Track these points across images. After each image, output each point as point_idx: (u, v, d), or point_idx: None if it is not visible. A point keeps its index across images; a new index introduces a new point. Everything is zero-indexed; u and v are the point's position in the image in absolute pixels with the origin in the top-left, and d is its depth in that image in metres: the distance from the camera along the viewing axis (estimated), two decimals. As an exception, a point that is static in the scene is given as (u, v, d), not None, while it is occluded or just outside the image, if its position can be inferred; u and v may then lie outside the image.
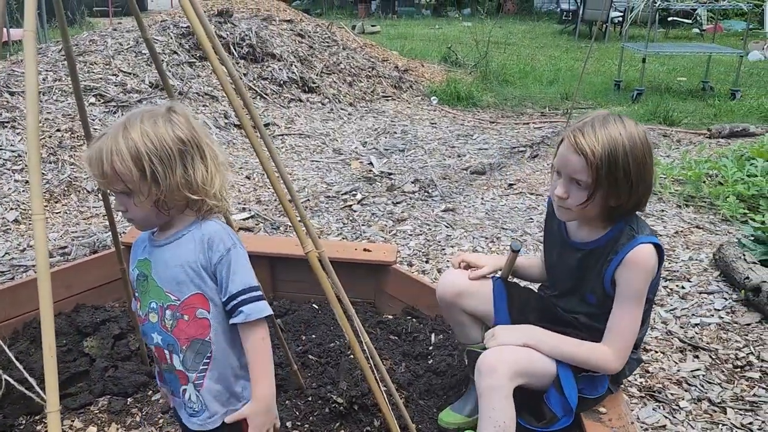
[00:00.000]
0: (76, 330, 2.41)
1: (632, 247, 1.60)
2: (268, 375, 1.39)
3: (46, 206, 3.76)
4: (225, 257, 1.35)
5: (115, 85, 5.26)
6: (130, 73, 5.57)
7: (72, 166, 4.15)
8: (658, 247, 1.63)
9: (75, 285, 2.59)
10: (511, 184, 4.43)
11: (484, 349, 1.96)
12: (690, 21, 14.80)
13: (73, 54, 1.57)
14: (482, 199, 4.17)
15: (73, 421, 2.09)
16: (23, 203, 3.71)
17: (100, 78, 5.30)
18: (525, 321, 1.88)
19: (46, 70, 5.22)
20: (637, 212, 1.69)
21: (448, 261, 3.24)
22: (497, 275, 2.01)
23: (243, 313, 1.35)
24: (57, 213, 3.72)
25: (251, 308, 1.35)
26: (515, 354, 1.67)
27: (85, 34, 6.61)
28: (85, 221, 3.63)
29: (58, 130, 4.43)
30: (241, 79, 6.16)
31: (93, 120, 4.70)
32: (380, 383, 1.64)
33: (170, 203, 1.35)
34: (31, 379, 1.43)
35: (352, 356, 2.21)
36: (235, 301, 1.35)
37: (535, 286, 2.10)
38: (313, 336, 2.45)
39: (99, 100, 5.00)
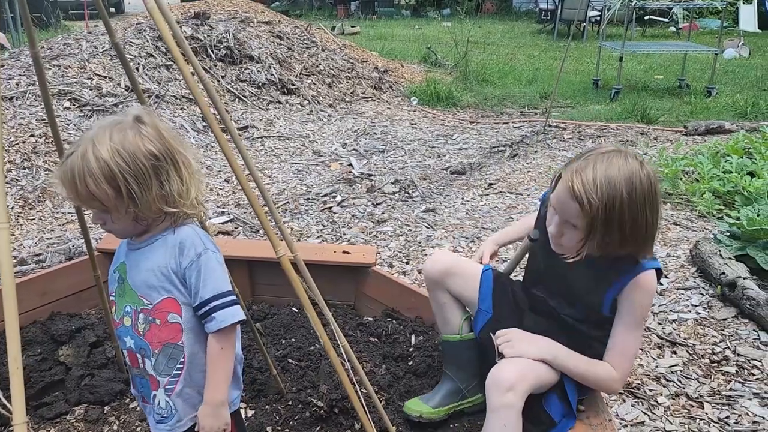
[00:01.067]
0: (51, 338, 2.36)
1: (637, 272, 1.57)
2: (223, 381, 1.38)
3: (20, 213, 3.70)
4: (195, 262, 1.34)
5: (90, 89, 5.20)
6: (105, 77, 5.50)
7: (47, 172, 4.09)
8: (659, 271, 1.62)
9: (50, 293, 2.54)
10: (491, 184, 4.45)
11: (464, 340, 1.95)
12: (666, 19, 14.98)
13: (40, 60, 1.54)
14: (462, 199, 4.18)
15: (48, 431, 2.05)
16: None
17: (75, 82, 5.23)
18: (508, 312, 1.87)
19: (20, 75, 5.15)
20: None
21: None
22: (489, 266, 1.97)
23: (215, 320, 1.34)
24: (32, 219, 3.67)
25: (223, 314, 1.34)
26: (534, 371, 1.63)
27: (60, 38, 6.53)
28: (60, 227, 3.58)
29: (32, 136, 4.37)
30: (219, 81, 6.14)
31: (68, 125, 4.64)
32: (359, 386, 1.63)
33: (147, 216, 1.34)
34: (-3, 392, 1.40)
35: (331, 359, 2.20)
36: (207, 307, 1.34)
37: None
38: (293, 339, 2.43)
39: (74, 105, 4.94)
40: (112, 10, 18.46)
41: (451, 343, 1.99)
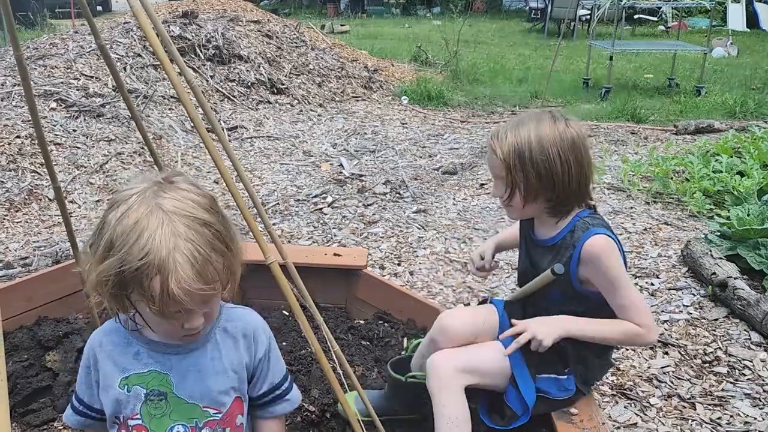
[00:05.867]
0: (38, 344, 2.33)
1: (587, 237, 1.59)
2: None
3: (6, 215, 3.65)
4: (268, 349, 1.27)
5: (77, 90, 5.14)
6: (92, 77, 5.45)
7: (33, 174, 4.04)
8: (613, 238, 1.62)
9: (36, 297, 2.50)
10: (482, 184, 4.44)
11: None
12: (655, 18, 15.05)
13: (24, 62, 1.51)
14: (454, 199, 4.16)
15: (35, 438, 2.02)
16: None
17: (61, 82, 5.17)
18: None
19: (5, 75, 5.08)
20: (588, 208, 1.68)
21: (420, 263, 3.22)
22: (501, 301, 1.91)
23: (290, 402, 1.30)
24: (18, 222, 3.62)
25: (294, 394, 1.31)
26: (459, 353, 1.71)
27: (45, 37, 6.46)
28: (47, 230, 3.53)
29: (18, 137, 4.31)
30: (207, 81, 6.10)
31: (54, 126, 4.58)
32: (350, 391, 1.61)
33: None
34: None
35: (323, 363, 2.17)
36: (279, 391, 1.29)
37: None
38: (284, 343, 2.41)
39: (60, 105, 4.88)
40: (99, 8, 18.29)
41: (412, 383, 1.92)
